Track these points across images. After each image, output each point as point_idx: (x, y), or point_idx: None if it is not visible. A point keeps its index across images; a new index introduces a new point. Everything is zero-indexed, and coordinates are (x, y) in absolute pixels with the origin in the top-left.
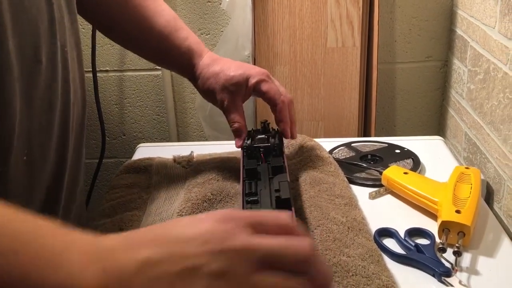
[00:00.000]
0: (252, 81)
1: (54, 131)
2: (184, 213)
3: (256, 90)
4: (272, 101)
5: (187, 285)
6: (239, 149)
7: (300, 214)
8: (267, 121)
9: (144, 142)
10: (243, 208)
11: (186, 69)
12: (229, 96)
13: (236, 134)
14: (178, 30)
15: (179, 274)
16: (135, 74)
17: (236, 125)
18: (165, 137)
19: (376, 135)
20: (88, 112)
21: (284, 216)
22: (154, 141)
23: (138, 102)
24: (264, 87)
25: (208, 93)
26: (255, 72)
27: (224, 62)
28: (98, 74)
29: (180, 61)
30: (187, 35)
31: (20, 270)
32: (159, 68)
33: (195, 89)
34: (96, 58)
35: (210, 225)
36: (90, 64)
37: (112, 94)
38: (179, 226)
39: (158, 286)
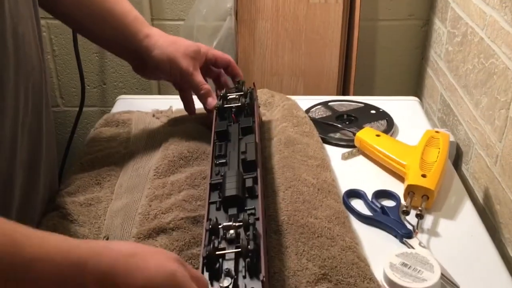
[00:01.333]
0: (203, 49)
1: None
2: (160, 170)
3: (208, 57)
4: (225, 61)
5: None
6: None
7: (272, 175)
8: (241, 80)
9: (124, 92)
10: (211, 170)
11: (134, 42)
12: (192, 62)
13: (208, 95)
14: (118, 3)
15: None
16: None
17: (205, 86)
18: (145, 87)
19: (355, 92)
20: (68, 59)
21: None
22: (135, 91)
23: None
24: (212, 52)
25: (168, 62)
26: (200, 44)
27: (172, 35)
28: None
29: (125, 34)
30: (130, 7)
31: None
32: None
33: None
34: None
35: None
36: None
37: (91, 43)
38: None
39: None
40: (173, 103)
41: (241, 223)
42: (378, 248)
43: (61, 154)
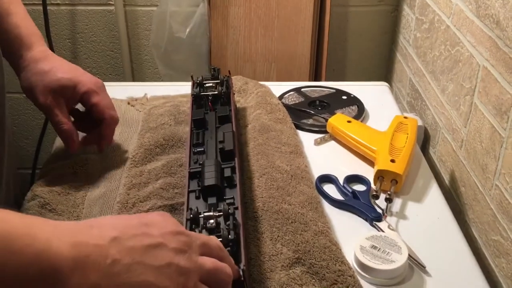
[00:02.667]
0: (82, 89)
1: None
2: (137, 159)
3: (84, 100)
4: (100, 114)
5: (158, 255)
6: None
7: (247, 162)
8: (217, 67)
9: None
10: (189, 158)
11: (12, 58)
12: (53, 97)
13: (68, 135)
14: (10, 15)
15: (147, 248)
16: (87, 9)
17: (65, 126)
18: (119, 73)
19: (327, 78)
20: None
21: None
22: (109, 77)
23: (91, 38)
24: (95, 99)
25: (29, 90)
26: (86, 80)
27: (56, 62)
28: (48, 7)
29: (7, 48)
30: (20, 23)
31: None
32: (112, 3)
33: (150, 26)
34: None
35: (158, 216)
36: None
37: (64, 29)
38: (132, 217)
39: (133, 254)
40: (147, 90)
41: (221, 213)
42: (349, 231)
43: (35, 141)
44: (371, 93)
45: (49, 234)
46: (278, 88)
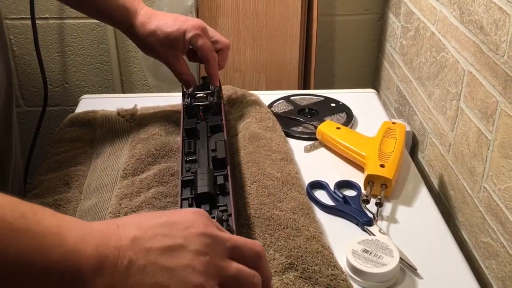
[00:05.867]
0: (188, 35)
1: None
2: (128, 170)
3: (192, 44)
4: (204, 56)
5: (175, 257)
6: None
7: (238, 170)
8: (207, 77)
9: (87, 91)
10: (182, 167)
11: (125, 28)
12: (171, 51)
13: (187, 85)
14: None
15: (166, 250)
16: (75, 22)
17: (184, 77)
18: (109, 86)
19: (315, 86)
20: (29, 59)
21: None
22: (98, 90)
23: (80, 51)
24: (199, 42)
25: (150, 51)
26: (190, 26)
27: (159, 18)
28: (37, 22)
29: (118, 20)
30: None
31: (19, 250)
32: None
33: None
34: (35, 5)
35: (189, 214)
36: (29, 11)
37: (52, 42)
38: (162, 215)
39: (149, 255)
40: (137, 101)
41: (215, 220)
42: (341, 236)
43: (25, 154)
44: (359, 100)
45: (78, 236)
46: (267, 97)
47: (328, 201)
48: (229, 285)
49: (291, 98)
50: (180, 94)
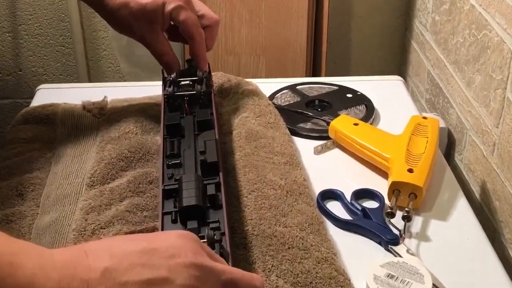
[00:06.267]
0: (168, 8)
1: None
2: (96, 177)
3: (173, 17)
4: (188, 33)
5: None
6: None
7: (232, 177)
8: (194, 60)
9: (46, 80)
10: (163, 173)
11: (95, 4)
12: (148, 27)
13: (169, 68)
14: None
15: (146, 284)
16: None
17: (165, 58)
18: (72, 74)
19: (327, 73)
20: None
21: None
22: (59, 79)
23: (36, 30)
24: (181, 15)
25: (123, 27)
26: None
27: None
28: None
29: None
30: None
31: None
32: None
33: None
34: None
35: (174, 238)
36: None
37: (2, 20)
38: (140, 239)
39: None
40: (107, 93)
41: (205, 241)
42: (359, 258)
43: None
44: (382, 89)
45: (36, 266)
46: (268, 86)
47: (344, 215)
48: None
49: (298, 87)
50: (160, 82)
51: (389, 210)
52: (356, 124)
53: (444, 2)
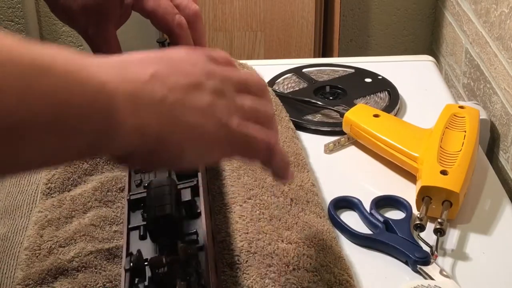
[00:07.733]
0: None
1: None
2: (54, 183)
3: (137, 8)
4: (163, 25)
5: (196, 97)
6: None
7: (222, 180)
8: (166, 40)
9: None
10: (129, 179)
11: None
12: (94, 20)
13: None
14: None
15: (188, 87)
16: None
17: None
18: None
19: (340, 53)
20: None
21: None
22: None
23: None
24: (148, 3)
25: (64, 17)
26: None
27: None
28: None
29: None
30: None
31: (45, 89)
32: None
33: None
34: None
35: (183, 52)
36: None
37: None
38: (168, 52)
39: (173, 93)
40: None
41: (177, 256)
42: (381, 280)
43: None
44: (408, 73)
45: (99, 69)
46: (267, 68)
47: (362, 228)
48: (249, 118)
49: (304, 70)
50: None
51: (418, 222)
52: (376, 116)
53: None
